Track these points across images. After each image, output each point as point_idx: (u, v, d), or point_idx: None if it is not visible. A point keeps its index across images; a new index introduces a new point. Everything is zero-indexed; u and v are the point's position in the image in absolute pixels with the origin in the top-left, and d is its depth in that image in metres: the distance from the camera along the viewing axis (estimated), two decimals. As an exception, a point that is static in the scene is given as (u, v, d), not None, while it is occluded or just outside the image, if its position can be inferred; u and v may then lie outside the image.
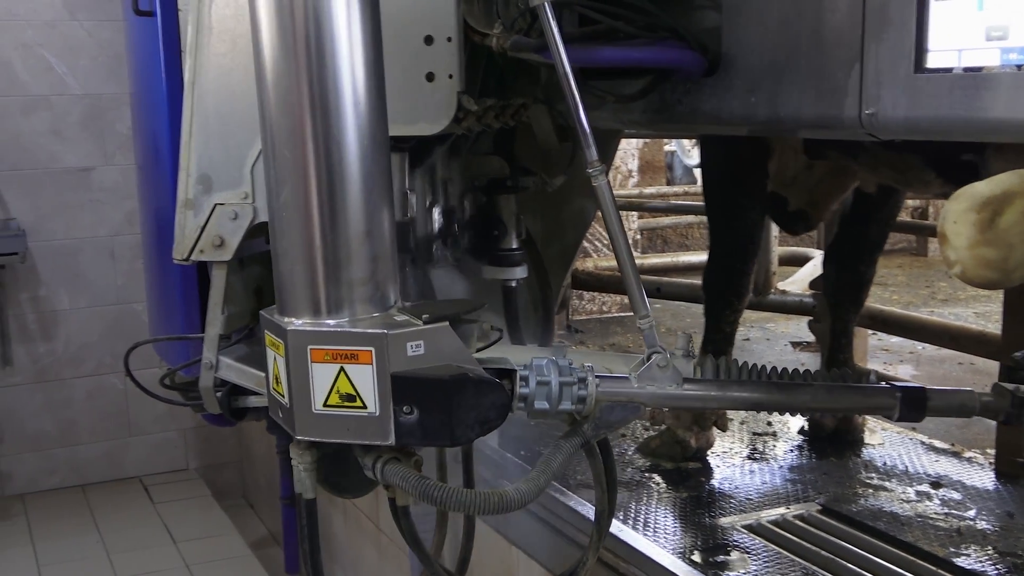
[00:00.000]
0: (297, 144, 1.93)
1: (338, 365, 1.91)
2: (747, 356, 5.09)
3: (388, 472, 1.97)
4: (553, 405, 2.00)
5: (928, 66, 1.75)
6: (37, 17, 6.05)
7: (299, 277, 1.98)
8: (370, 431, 1.92)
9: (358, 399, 1.91)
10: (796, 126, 2.12)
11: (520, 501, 1.96)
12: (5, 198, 6.08)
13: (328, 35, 1.90)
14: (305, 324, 1.95)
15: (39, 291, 6.23)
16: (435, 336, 1.92)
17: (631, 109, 2.55)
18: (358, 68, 1.94)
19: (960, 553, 2.61)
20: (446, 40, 2.48)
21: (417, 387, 1.89)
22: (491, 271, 3.40)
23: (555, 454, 2.05)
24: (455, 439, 1.92)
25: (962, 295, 7.74)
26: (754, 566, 2.55)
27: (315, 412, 1.94)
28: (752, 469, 3.19)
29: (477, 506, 1.94)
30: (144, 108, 4.44)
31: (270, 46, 1.93)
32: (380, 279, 1.99)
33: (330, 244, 1.94)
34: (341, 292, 1.95)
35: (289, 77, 1.92)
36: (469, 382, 1.91)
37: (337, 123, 1.92)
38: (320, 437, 1.99)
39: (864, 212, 3.34)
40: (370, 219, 1.97)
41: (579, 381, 2.01)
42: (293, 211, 1.96)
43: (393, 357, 1.88)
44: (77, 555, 5.45)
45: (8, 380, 6.19)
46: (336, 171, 1.93)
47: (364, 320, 1.95)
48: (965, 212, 1.64)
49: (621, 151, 6.45)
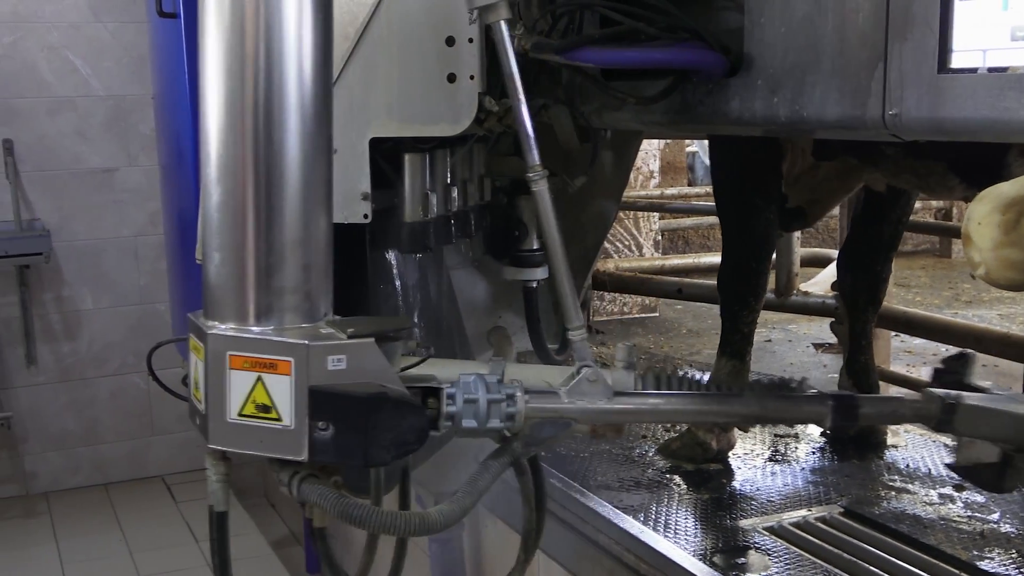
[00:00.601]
0: (236, 143, 1.87)
1: (256, 374, 1.85)
2: (769, 358, 5.08)
3: (305, 490, 1.89)
4: (481, 423, 1.95)
5: (952, 66, 1.74)
6: (62, 19, 6.09)
7: (227, 281, 1.92)
8: (284, 445, 1.85)
9: (274, 410, 1.84)
10: (819, 127, 2.11)
11: (442, 523, 1.90)
12: (30, 198, 6.13)
13: (277, 34, 1.85)
14: (228, 329, 1.89)
15: (63, 291, 6.28)
16: (358, 352, 1.86)
17: (652, 110, 2.54)
18: (306, 69, 1.89)
19: (984, 556, 2.59)
20: (467, 41, 2.48)
21: (334, 403, 1.82)
22: (511, 272, 3.40)
23: (482, 474, 1.98)
24: (368, 459, 1.85)
25: (986, 297, 7.68)
26: (775, 568, 2.54)
27: (229, 421, 1.88)
28: (773, 471, 3.17)
29: (397, 527, 1.88)
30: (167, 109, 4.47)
31: (216, 43, 1.87)
32: (310, 289, 1.93)
33: (262, 249, 1.88)
34: (268, 299, 1.89)
35: (233, 73, 1.86)
36: (388, 402, 1.84)
37: (279, 124, 1.87)
38: (232, 447, 1.93)
39: (877, 212, 3.32)
40: (305, 226, 1.91)
41: (507, 398, 1.96)
42: (226, 212, 1.90)
43: (313, 370, 1.82)
44: (100, 553, 5.49)
45: (32, 379, 6.24)
46: (274, 174, 1.87)
47: (289, 330, 1.88)
48: (989, 213, 1.63)
49: (642, 152, 6.44)
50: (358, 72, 2.49)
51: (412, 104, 2.53)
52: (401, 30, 2.48)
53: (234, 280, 1.90)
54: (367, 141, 2.52)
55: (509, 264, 3.39)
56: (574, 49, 2.28)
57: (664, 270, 5.70)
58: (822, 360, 5.08)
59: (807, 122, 2.09)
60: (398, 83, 2.51)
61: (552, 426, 2.03)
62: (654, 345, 5.35)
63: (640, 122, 2.83)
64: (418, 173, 2.77)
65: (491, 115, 2.62)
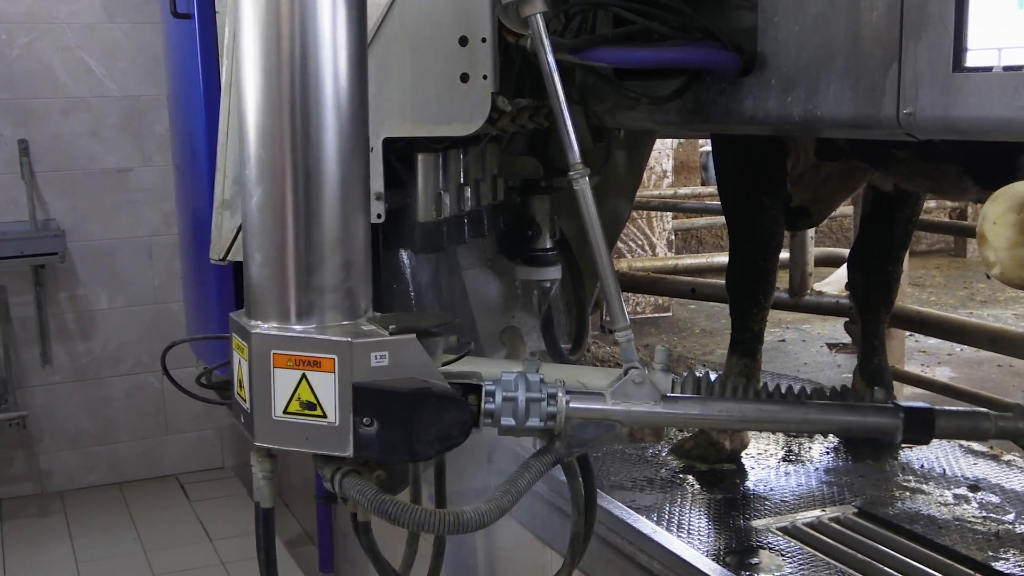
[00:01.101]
0: (275, 144, 1.89)
1: (300, 372, 1.87)
2: (783, 357, 5.07)
3: (347, 485, 1.91)
4: (520, 422, 1.94)
5: (967, 65, 1.73)
6: (77, 20, 6.12)
7: (269, 281, 1.93)
8: (329, 441, 1.87)
9: (319, 407, 1.86)
10: (832, 126, 2.10)
11: (478, 522, 1.89)
12: (45, 199, 6.16)
13: (312, 36, 1.86)
14: (271, 328, 1.90)
15: (78, 291, 6.30)
16: (400, 348, 1.87)
17: (665, 110, 2.54)
18: (341, 70, 1.90)
19: (999, 557, 2.58)
20: (481, 41, 2.48)
21: (378, 399, 1.83)
22: (525, 272, 3.41)
23: (523, 473, 1.97)
24: (414, 454, 1.87)
25: (1001, 296, 7.65)
26: (788, 569, 2.53)
27: (275, 419, 1.89)
28: (787, 471, 3.16)
29: (432, 525, 1.88)
30: (182, 110, 4.48)
31: (253, 44, 1.89)
32: (351, 287, 1.94)
33: (302, 248, 1.90)
34: (310, 298, 1.91)
35: (271, 76, 1.88)
36: (431, 397, 1.85)
37: (317, 125, 1.88)
38: (279, 444, 1.94)
39: (887, 212, 3.31)
40: (344, 225, 1.92)
41: (548, 397, 1.95)
42: (267, 213, 1.91)
43: (356, 367, 1.83)
44: (115, 552, 5.51)
45: (47, 379, 6.27)
46: (313, 174, 1.89)
47: (331, 328, 1.90)
48: (1005, 213, 1.62)
49: (655, 152, 6.43)
50: (371, 72, 2.49)
51: (425, 104, 2.53)
52: (414, 30, 2.49)
53: (276, 279, 1.92)
54: (380, 141, 2.53)
55: (522, 264, 3.39)
56: (587, 49, 2.28)
57: (677, 270, 5.69)
58: (836, 360, 5.06)
59: (821, 121, 2.09)
60: (411, 83, 2.52)
61: (596, 427, 2.00)
62: (667, 345, 5.33)
63: (653, 121, 2.83)
64: (431, 173, 2.78)
65: (504, 115, 2.62)
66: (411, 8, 2.48)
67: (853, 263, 3.46)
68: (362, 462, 1.94)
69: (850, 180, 3.21)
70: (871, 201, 3.36)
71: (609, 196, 3.99)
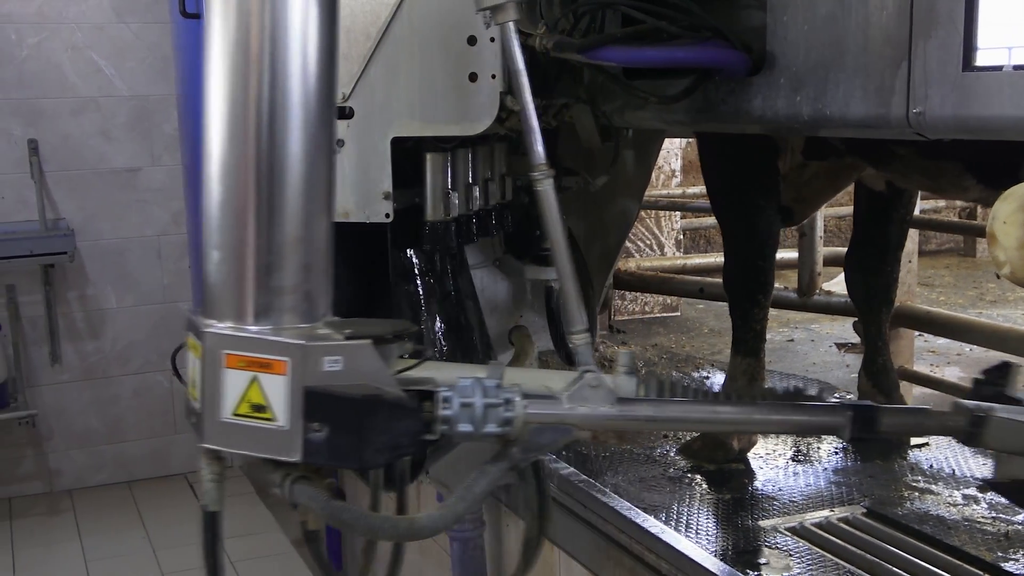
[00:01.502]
0: (239, 141, 1.85)
1: (251, 373, 1.82)
2: (792, 357, 5.05)
3: (297, 492, 1.87)
4: (477, 427, 1.91)
5: (977, 64, 1.73)
6: (86, 20, 6.14)
7: (226, 279, 1.89)
8: (277, 445, 1.83)
9: (268, 410, 1.82)
10: (842, 125, 2.10)
11: (432, 529, 1.87)
12: (55, 198, 6.18)
13: (283, 31, 1.83)
14: (225, 328, 1.86)
15: (87, 290, 6.32)
16: (355, 353, 1.83)
17: (674, 109, 2.54)
18: (311, 67, 1.86)
19: (1008, 558, 2.57)
20: (489, 40, 2.48)
21: (329, 404, 1.79)
22: (533, 271, 3.41)
23: (479, 479, 1.95)
24: (363, 462, 1.83)
25: (1011, 296, 7.62)
26: (797, 569, 2.53)
27: (223, 420, 1.86)
28: (796, 471, 3.16)
29: (386, 532, 1.86)
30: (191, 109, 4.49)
31: (221, 38, 1.85)
32: (309, 289, 1.90)
33: (262, 248, 1.85)
34: (267, 299, 1.87)
35: (238, 71, 1.84)
36: (383, 404, 1.82)
37: (283, 122, 1.84)
38: (226, 447, 1.90)
39: (881, 214, 3.30)
40: (306, 225, 1.88)
41: (505, 402, 1.92)
42: (227, 210, 1.87)
43: (309, 370, 1.79)
44: (123, 551, 5.53)
45: (57, 378, 6.29)
46: (276, 172, 1.85)
47: (287, 330, 1.85)
48: (1015, 212, 1.62)
49: (664, 151, 6.42)
50: (380, 72, 2.50)
51: (434, 103, 2.53)
52: (423, 30, 2.49)
53: (233, 278, 1.88)
54: (389, 140, 2.53)
55: (530, 263, 3.39)
56: (596, 48, 2.27)
57: (686, 269, 5.68)
58: (845, 360, 5.05)
59: (830, 121, 2.08)
60: (420, 82, 2.52)
61: (552, 432, 1.99)
62: (676, 345, 5.34)
63: (662, 121, 2.83)
64: (440, 172, 2.78)
65: (512, 114, 2.62)
66: (420, 7, 2.48)
67: (851, 265, 3.44)
68: (314, 469, 1.90)
69: (836, 180, 3.19)
70: (864, 202, 3.34)
71: (618, 196, 3.99)
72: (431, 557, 3.97)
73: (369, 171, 2.52)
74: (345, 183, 2.48)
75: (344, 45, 2.40)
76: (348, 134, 2.50)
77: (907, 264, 4.58)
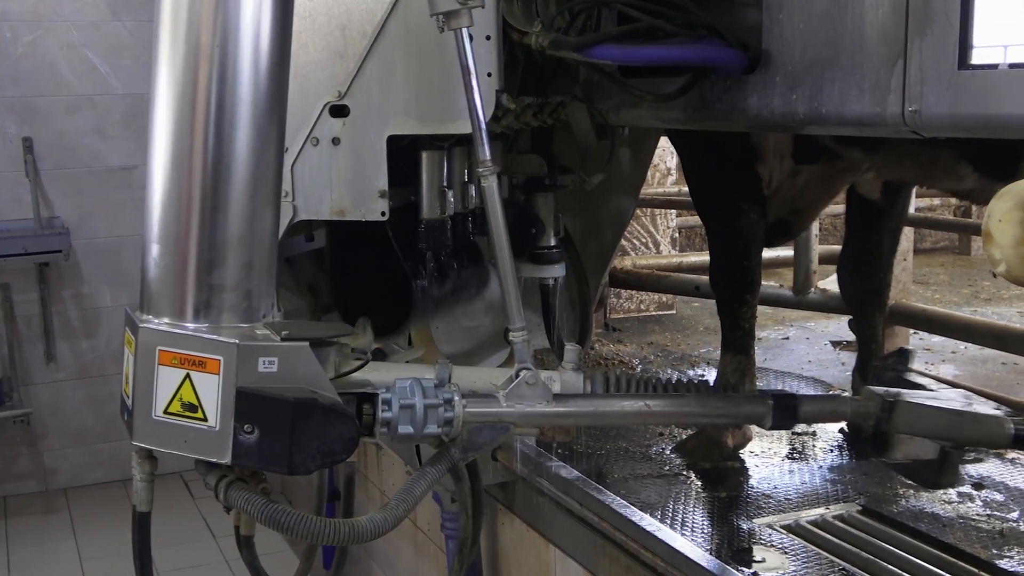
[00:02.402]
0: (184, 133, 1.82)
1: (184, 371, 1.80)
2: (787, 355, 5.05)
3: (232, 495, 1.85)
4: (418, 429, 1.91)
5: (973, 62, 1.73)
6: (81, 18, 6.13)
7: (165, 275, 1.87)
8: (207, 446, 1.80)
9: (200, 410, 1.80)
10: (838, 123, 2.10)
11: (374, 532, 1.86)
12: (49, 196, 6.17)
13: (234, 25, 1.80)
14: (162, 324, 1.84)
15: (82, 288, 6.31)
16: (291, 355, 1.80)
17: (670, 107, 2.54)
18: (262, 64, 1.83)
19: (1003, 555, 2.57)
20: (485, 38, 2.48)
21: (261, 406, 1.76)
22: (529, 269, 3.40)
23: (418, 481, 1.95)
24: (292, 467, 1.79)
25: (1006, 294, 7.63)
26: (792, 567, 2.53)
27: (154, 418, 1.83)
28: (791, 469, 3.16)
29: (327, 535, 1.83)
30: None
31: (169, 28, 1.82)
32: (250, 288, 1.87)
33: (204, 244, 1.83)
34: (205, 296, 1.84)
35: (187, 64, 1.81)
36: (317, 408, 1.78)
37: (231, 117, 1.81)
38: (156, 445, 1.87)
39: (874, 222, 3.30)
40: (249, 223, 1.85)
41: (445, 403, 1.92)
42: (169, 204, 1.85)
43: (242, 371, 1.76)
44: (119, 549, 5.49)
45: (52, 376, 6.28)
46: (221, 167, 1.82)
47: (224, 329, 1.83)
48: (1010, 210, 1.62)
49: (660, 149, 6.42)
50: (376, 70, 2.50)
51: (430, 102, 2.53)
52: (419, 28, 2.49)
53: (172, 274, 1.85)
54: (385, 139, 2.52)
55: (526, 261, 3.39)
56: (592, 46, 2.28)
57: (681, 267, 5.68)
58: (840, 358, 5.05)
59: (826, 119, 2.09)
60: (416, 81, 2.52)
61: (491, 431, 1.99)
62: (671, 343, 5.34)
63: (658, 119, 2.83)
64: (436, 170, 2.78)
65: (508, 112, 2.62)
66: (415, 6, 2.48)
67: (844, 271, 3.45)
68: (250, 472, 1.88)
69: (830, 185, 3.19)
70: (857, 211, 3.35)
71: (613, 194, 3.99)
72: (427, 556, 3.96)
73: (365, 169, 2.52)
74: (341, 181, 2.48)
75: (340, 43, 2.41)
76: (344, 132, 2.49)
77: (902, 262, 4.59)
